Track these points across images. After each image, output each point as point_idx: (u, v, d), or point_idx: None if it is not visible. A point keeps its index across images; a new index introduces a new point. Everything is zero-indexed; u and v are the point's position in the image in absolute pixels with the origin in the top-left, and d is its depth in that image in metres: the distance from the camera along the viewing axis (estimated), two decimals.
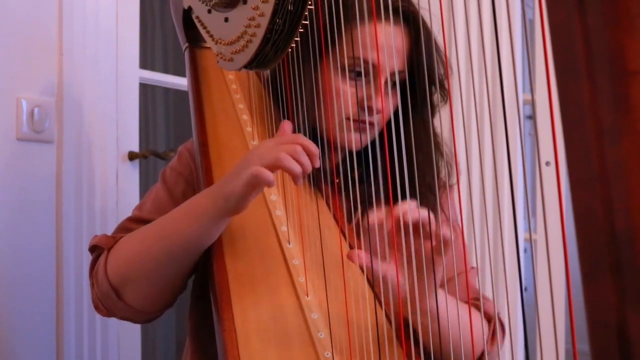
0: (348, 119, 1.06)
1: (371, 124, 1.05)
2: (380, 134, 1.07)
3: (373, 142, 1.07)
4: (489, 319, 1.04)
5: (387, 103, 1.06)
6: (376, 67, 1.03)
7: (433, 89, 1.07)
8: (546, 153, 2.10)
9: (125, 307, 1.00)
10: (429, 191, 1.04)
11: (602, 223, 0.34)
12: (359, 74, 1.04)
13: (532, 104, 0.73)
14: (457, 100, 2.10)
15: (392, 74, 1.05)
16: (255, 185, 0.88)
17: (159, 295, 1.02)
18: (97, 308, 1.04)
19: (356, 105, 1.05)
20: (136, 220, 1.08)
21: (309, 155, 0.89)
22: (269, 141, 0.92)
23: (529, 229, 2.21)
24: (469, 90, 2.10)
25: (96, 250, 1.05)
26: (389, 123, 1.05)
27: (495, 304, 1.06)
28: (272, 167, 0.87)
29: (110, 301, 1.00)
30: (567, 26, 0.34)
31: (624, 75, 0.33)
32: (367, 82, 1.04)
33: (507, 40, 2.05)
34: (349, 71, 1.04)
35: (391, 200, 0.82)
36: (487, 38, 2.05)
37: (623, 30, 0.33)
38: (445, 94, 1.09)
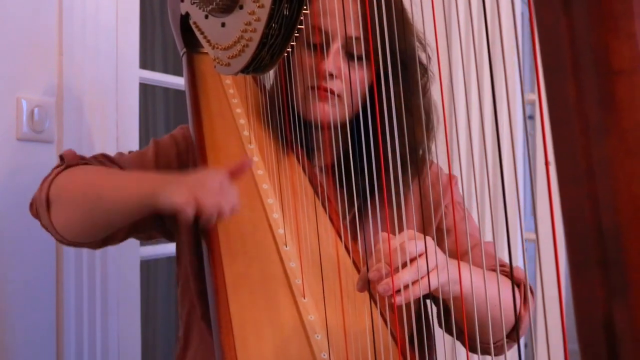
0: (312, 88, 1.06)
1: (332, 91, 1.05)
2: (364, 118, 1.07)
3: (358, 129, 1.06)
4: (518, 284, 1.04)
5: (344, 67, 1.05)
6: (330, 35, 1.04)
7: (412, 67, 1.06)
8: (546, 154, 2.10)
9: (48, 220, 1.08)
10: (414, 167, 1.05)
11: (589, 219, 0.35)
12: (318, 44, 1.05)
13: (522, 103, 0.73)
14: (457, 99, 2.11)
15: (351, 41, 1.04)
16: (179, 210, 0.92)
17: (79, 227, 1.08)
18: (30, 205, 1.13)
19: (312, 72, 1.06)
20: (110, 160, 1.16)
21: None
22: (224, 178, 0.96)
23: (536, 228, 2.22)
24: (470, 90, 2.11)
25: (62, 162, 1.13)
26: (371, 106, 1.05)
27: (523, 272, 1.06)
28: (204, 207, 0.92)
29: (41, 208, 1.08)
30: (554, 27, 0.34)
31: (609, 74, 0.34)
32: (325, 51, 1.05)
33: (509, 40, 2.06)
34: (308, 42, 1.06)
35: (384, 186, 0.83)
36: (488, 37, 2.05)
37: (608, 30, 0.34)
38: (424, 70, 1.09)
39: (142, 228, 1.15)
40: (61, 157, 1.14)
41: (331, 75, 1.04)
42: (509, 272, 1.04)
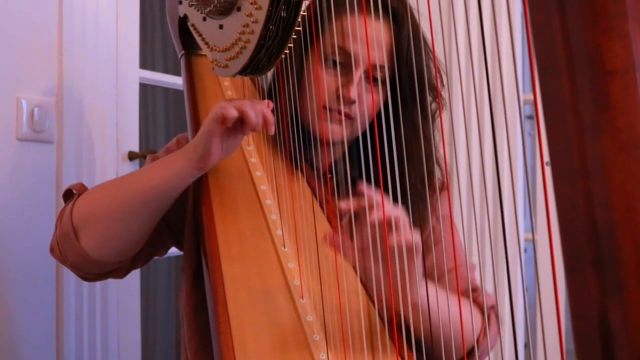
0: (325, 107, 1.07)
1: (347, 115, 1.07)
2: (371, 134, 1.08)
3: (364, 141, 1.08)
4: (482, 310, 1.05)
5: (365, 95, 1.07)
6: (354, 58, 1.04)
7: (425, 93, 1.08)
8: (547, 153, 2.10)
9: (79, 250, 1.03)
10: (414, 193, 1.04)
11: (584, 217, 0.35)
12: (339, 64, 1.06)
13: (519, 102, 0.73)
14: (456, 99, 2.11)
15: (374, 68, 1.06)
16: (219, 119, 0.93)
17: (114, 241, 1.04)
18: (51, 250, 1.08)
19: (332, 93, 1.06)
20: None
21: (266, 118, 0.96)
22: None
23: (532, 228, 2.22)
24: (468, 90, 2.11)
25: (69, 196, 1.09)
26: (378, 124, 1.06)
27: (494, 298, 1.07)
28: (236, 108, 0.93)
29: (67, 242, 1.03)
30: (548, 27, 0.35)
31: (603, 74, 0.34)
32: (346, 73, 1.06)
33: (508, 38, 2.06)
34: (328, 60, 1.06)
35: (382, 200, 0.83)
36: (487, 37, 2.05)
37: (601, 31, 0.34)
38: (437, 98, 1.10)
39: (158, 244, 1.13)
40: (68, 192, 1.11)
41: (353, 101, 1.05)
42: (477, 298, 1.05)
